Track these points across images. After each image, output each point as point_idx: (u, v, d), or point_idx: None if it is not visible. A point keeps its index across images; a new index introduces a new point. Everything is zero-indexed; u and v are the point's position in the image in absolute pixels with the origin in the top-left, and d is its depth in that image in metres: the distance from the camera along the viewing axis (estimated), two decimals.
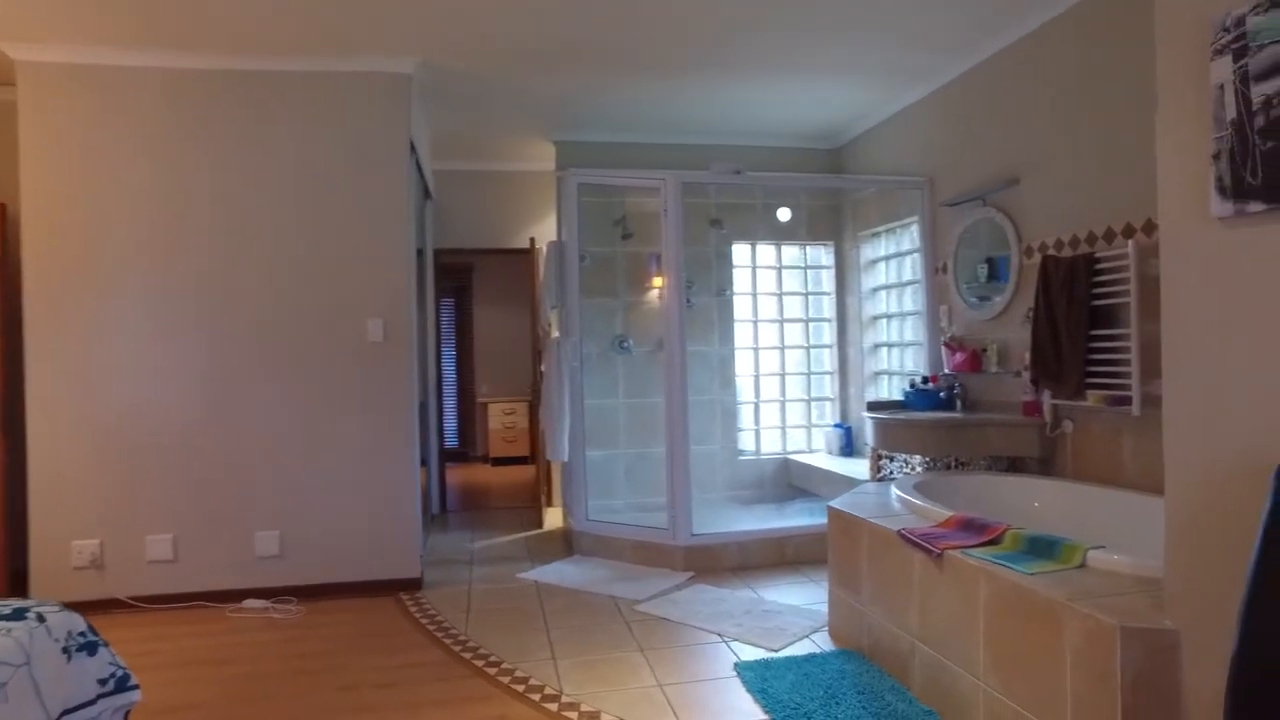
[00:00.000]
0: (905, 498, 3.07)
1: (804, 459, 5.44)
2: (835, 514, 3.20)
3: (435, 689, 2.82)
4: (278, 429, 3.85)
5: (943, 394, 4.07)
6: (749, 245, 5.64)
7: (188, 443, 3.77)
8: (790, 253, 5.73)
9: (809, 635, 3.21)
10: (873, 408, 4.33)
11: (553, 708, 2.63)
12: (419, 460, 4.16)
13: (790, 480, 5.51)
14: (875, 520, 2.91)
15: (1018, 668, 2.12)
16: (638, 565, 4.30)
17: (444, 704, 2.70)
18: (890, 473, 4.17)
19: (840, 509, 3.17)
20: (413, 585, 3.95)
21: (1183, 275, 1.77)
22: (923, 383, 4.25)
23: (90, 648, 2.19)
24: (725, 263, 5.56)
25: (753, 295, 5.66)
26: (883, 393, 5.11)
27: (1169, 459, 1.82)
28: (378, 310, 3.92)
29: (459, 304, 8.81)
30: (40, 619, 2.08)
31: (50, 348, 3.65)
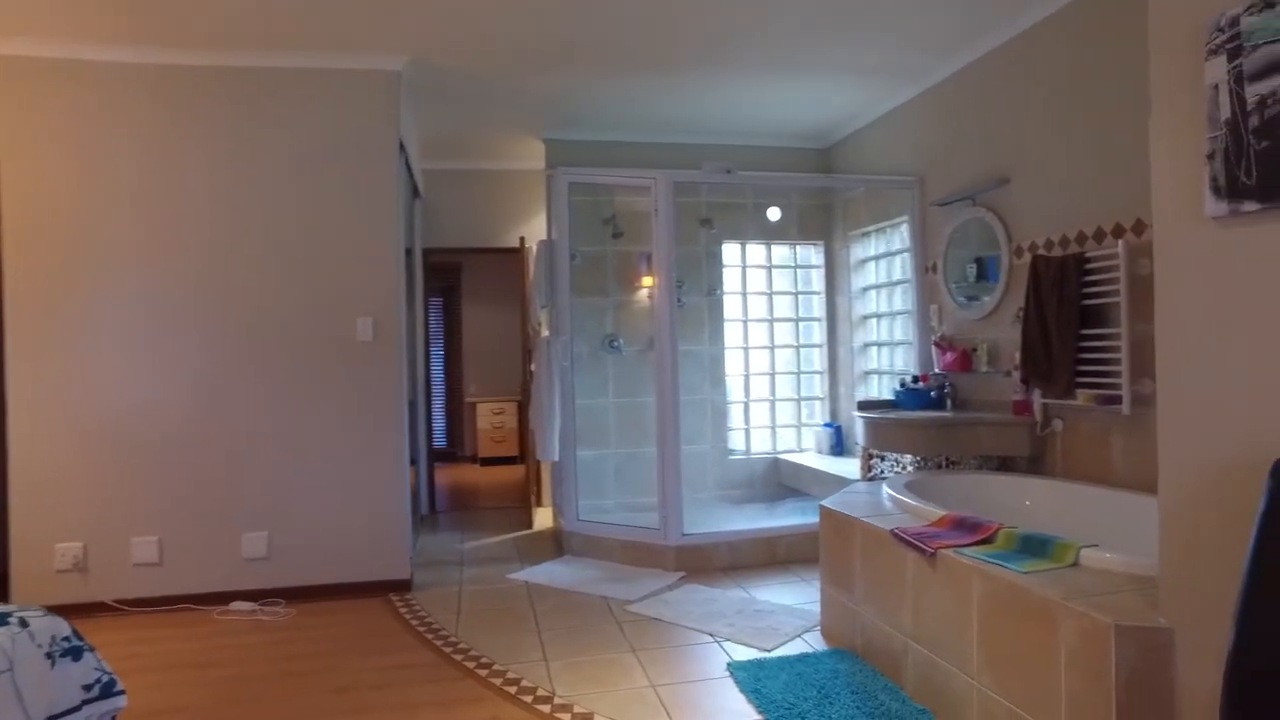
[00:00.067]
0: (897, 497, 3.08)
1: (794, 458, 5.44)
2: (827, 513, 3.20)
3: (426, 691, 2.79)
4: (265, 429, 3.81)
5: (933, 393, 4.08)
6: (739, 245, 5.64)
7: (174, 443, 3.73)
8: (780, 252, 5.73)
9: (801, 635, 3.21)
10: (863, 407, 4.33)
11: (545, 709, 2.61)
12: (408, 460, 4.12)
13: (780, 480, 5.51)
14: (868, 519, 2.91)
15: (1012, 666, 2.13)
16: (628, 565, 4.28)
17: (435, 706, 2.67)
18: (881, 472, 4.18)
19: (832, 508, 3.17)
20: (402, 586, 3.92)
21: (1177, 275, 1.78)
22: (913, 382, 4.26)
23: (75, 653, 2.15)
24: (715, 262, 5.55)
25: (743, 295, 5.66)
26: (872, 392, 5.12)
27: (1163, 457, 1.83)
28: (367, 309, 3.89)
29: (447, 303, 8.77)
30: (23, 624, 2.04)
31: (33, 347, 3.60)
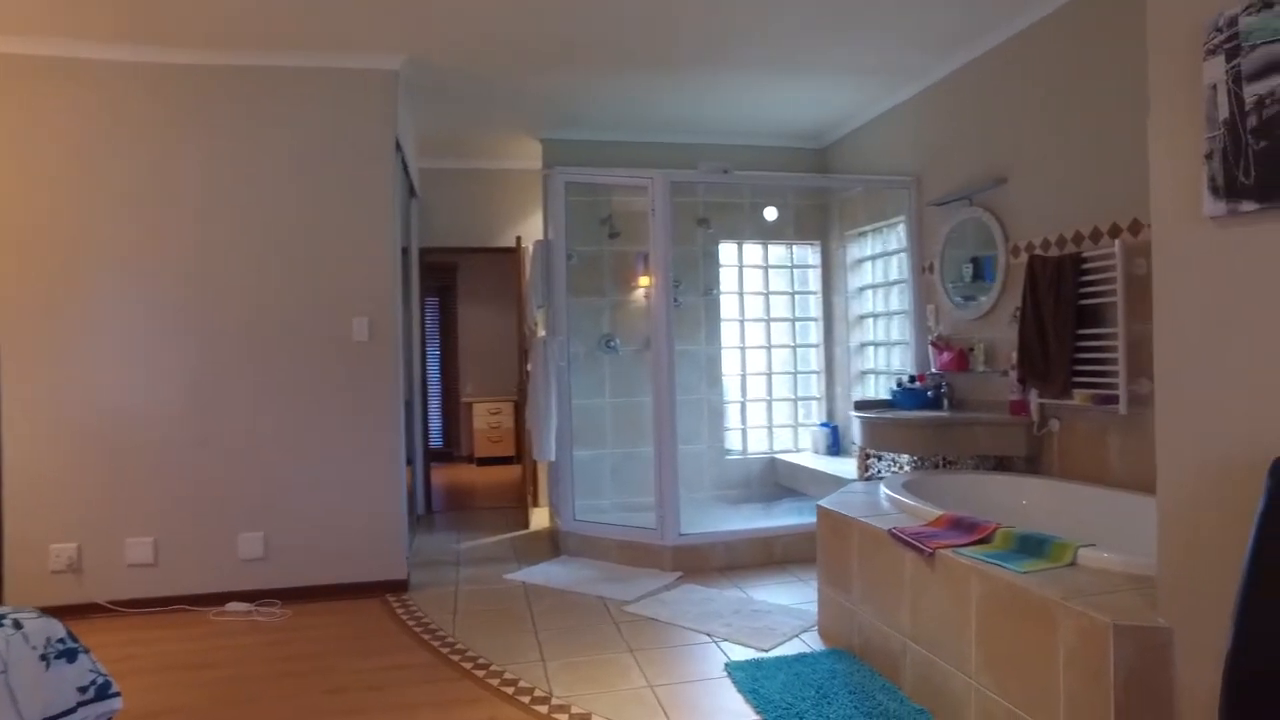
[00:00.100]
0: (895, 497, 3.07)
1: (790, 458, 5.44)
2: (825, 513, 3.20)
3: (423, 691, 2.78)
4: (261, 429, 3.80)
5: (930, 393, 4.09)
6: (736, 244, 5.64)
7: (170, 444, 3.71)
8: (777, 252, 5.73)
9: (799, 635, 3.20)
10: (860, 407, 4.34)
11: (543, 710, 2.61)
12: (404, 460, 4.11)
13: (777, 479, 5.51)
14: (865, 519, 2.91)
15: (1010, 666, 2.13)
16: (625, 565, 4.28)
17: (433, 706, 2.66)
18: (878, 472, 4.18)
19: (830, 508, 3.17)
20: (399, 587, 3.91)
21: (1176, 275, 1.78)
22: (910, 382, 4.26)
23: (70, 655, 2.14)
24: (712, 262, 5.55)
25: (739, 294, 5.66)
26: (869, 392, 5.12)
27: (1161, 457, 1.83)
28: (363, 309, 3.87)
29: (443, 303, 8.76)
30: (17, 625, 2.03)
31: (29, 347, 3.58)
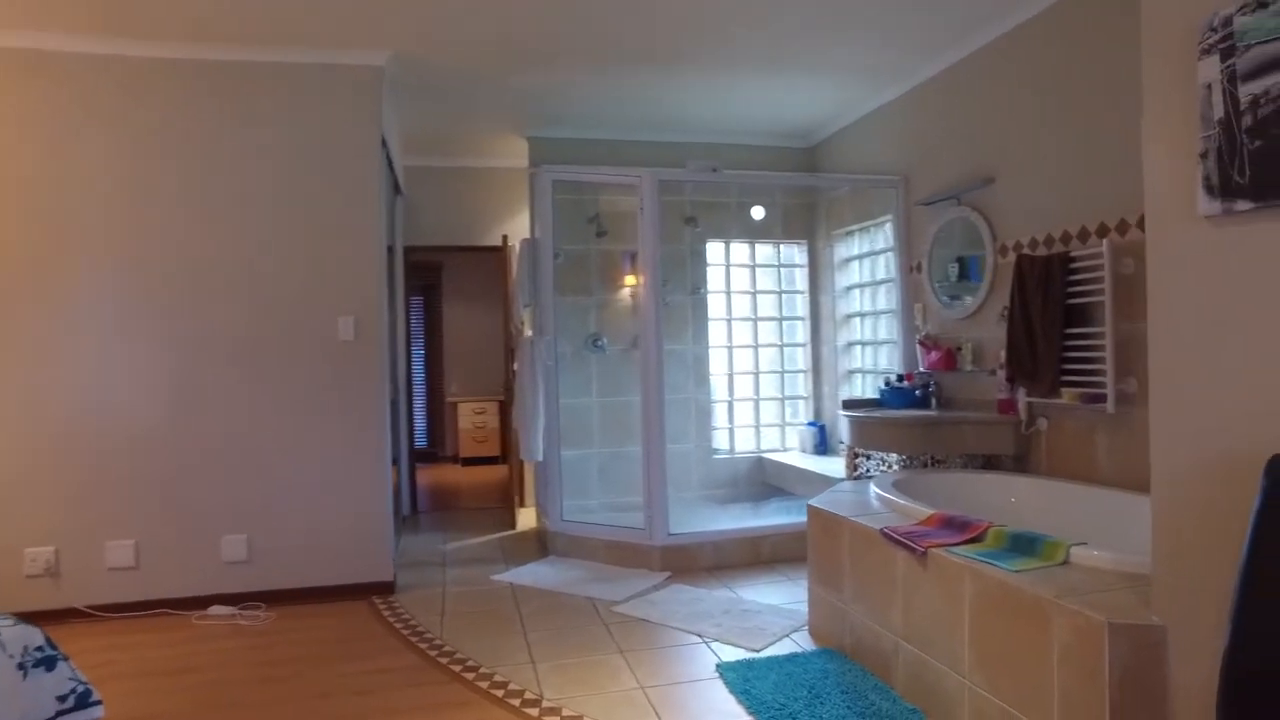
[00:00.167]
0: (885, 496, 3.08)
1: (778, 457, 5.44)
2: (815, 513, 3.19)
3: (411, 695, 2.75)
4: (245, 430, 3.74)
5: (918, 392, 4.10)
6: (723, 243, 5.63)
7: (151, 445, 3.64)
8: (764, 251, 5.73)
9: (789, 634, 3.20)
10: (848, 406, 4.34)
11: (534, 713, 2.58)
12: (390, 461, 4.07)
13: (765, 479, 5.51)
14: (856, 519, 2.90)
15: (1004, 665, 2.13)
16: (614, 566, 4.26)
17: (421, 711, 2.63)
18: (867, 471, 4.19)
19: (821, 508, 3.16)
20: (385, 589, 3.86)
21: (1170, 273, 1.78)
22: (898, 381, 4.27)
23: (49, 663, 2.09)
24: (699, 261, 5.54)
25: (727, 293, 5.65)
26: (856, 391, 5.13)
27: (1155, 455, 1.83)
28: (348, 308, 3.83)
29: (428, 302, 8.69)
30: None
31: (3, 347, 3.49)
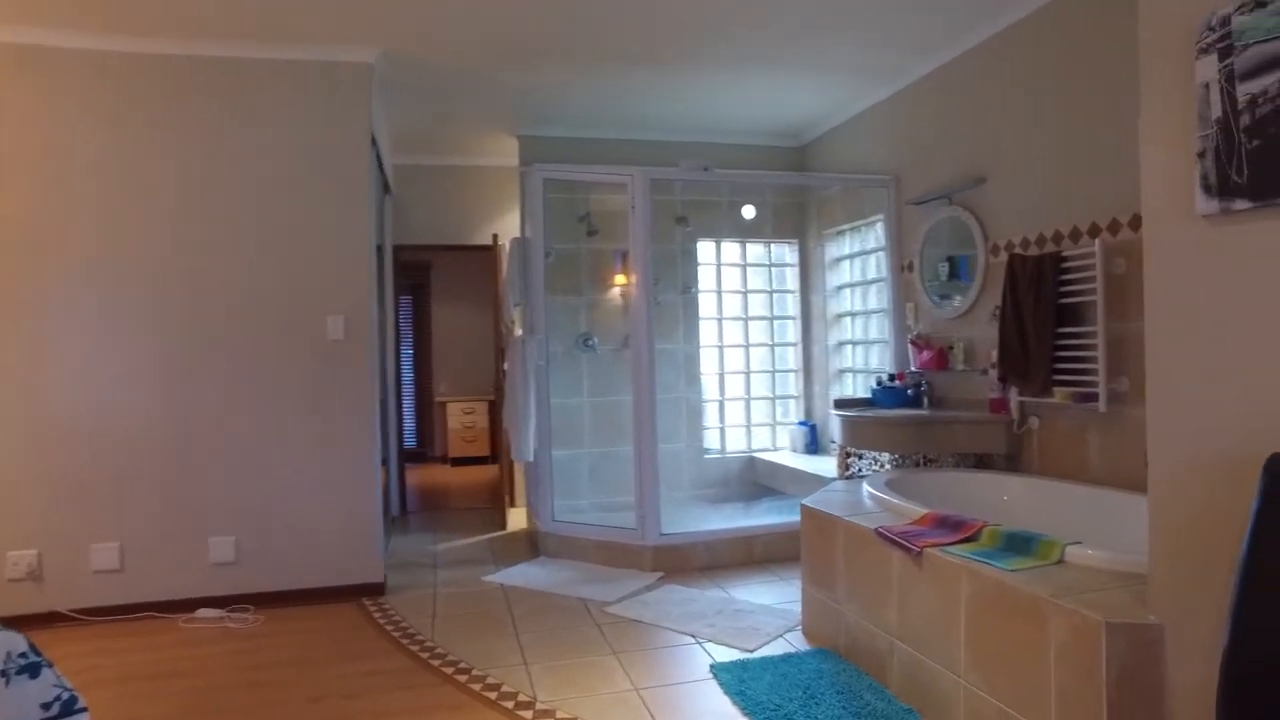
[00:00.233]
0: (878, 495, 3.07)
1: (769, 457, 5.44)
2: (809, 512, 3.19)
3: (403, 698, 2.72)
4: (232, 429, 3.69)
5: (909, 391, 4.10)
6: (714, 242, 5.62)
7: (137, 445, 3.59)
8: (755, 250, 5.73)
9: (783, 635, 3.19)
10: (840, 405, 4.34)
11: (527, 715, 2.56)
12: (380, 461, 4.03)
13: (756, 479, 5.50)
14: (850, 518, 2.90)
15: (1000, 664, 2.13)
16: (605, 566, 4.24)
17: (413, 713, 2.60)
18: (859, 470, 4.19)
19: (814, 507, 3.15)
20: (375, 590, 3.83)
21: (1168, 272, 1.78)
22: (889, 380, 4.28)
23: (32, 669, 2.04)
24: (690, 260, 5.53)
25: (717, 293, 5.64)
26: (847, 390, 5.14)
27: (1152, 455, 1.83)
28: (338, 307, 3.79)
29: (416, 302, 8.64)
30: None
31: None
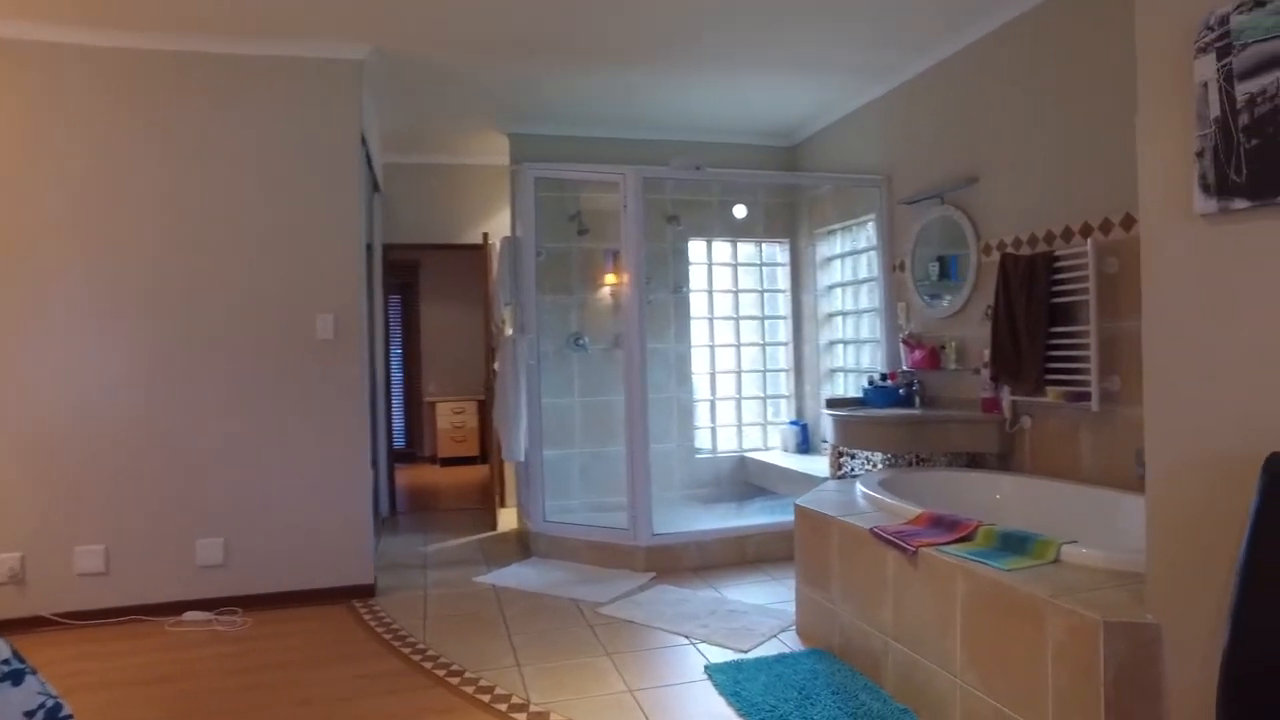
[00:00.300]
0: (872, 495, 3.07)
1: (761, 456, 5.43)
2: (803, 512, 3.18)
3: (395, 701, 2.69)
4: (220, 430, 3.64)
5: (901, 391, 4.10)
6: (705, 242, 5.61)
7: (123, 446, 3.54)
8: (746, 250, 5.72)
9: (777, 635, 3.18)
10: (832, 405, 4.34)
11: (520, 718, 2.54)
12: (370, 461, 4.00)
13: (747, 478, 5.50)
14: (845, 518, 2.89)
15: (997, 664, 2.12)
16: (597, 567, 4.22)
17: (405, 716, 2.57)
18: (851, 470, 4.19)
19: (808, 507, 3.15)
20: (365, 592, 3.79)
21: (1166, 271, 1.78)
22: (881, 380, 4.28)
23: (15, 676, 1.99)
24: (681, 259, 5.52)
25: (709, 292, 5.63)
26: (838, 390, 5.14)
27: (1150, 454, 1.83)
28: (328, 306, 3.75)
29: (405, 301, 8.58)
30: None
31: None
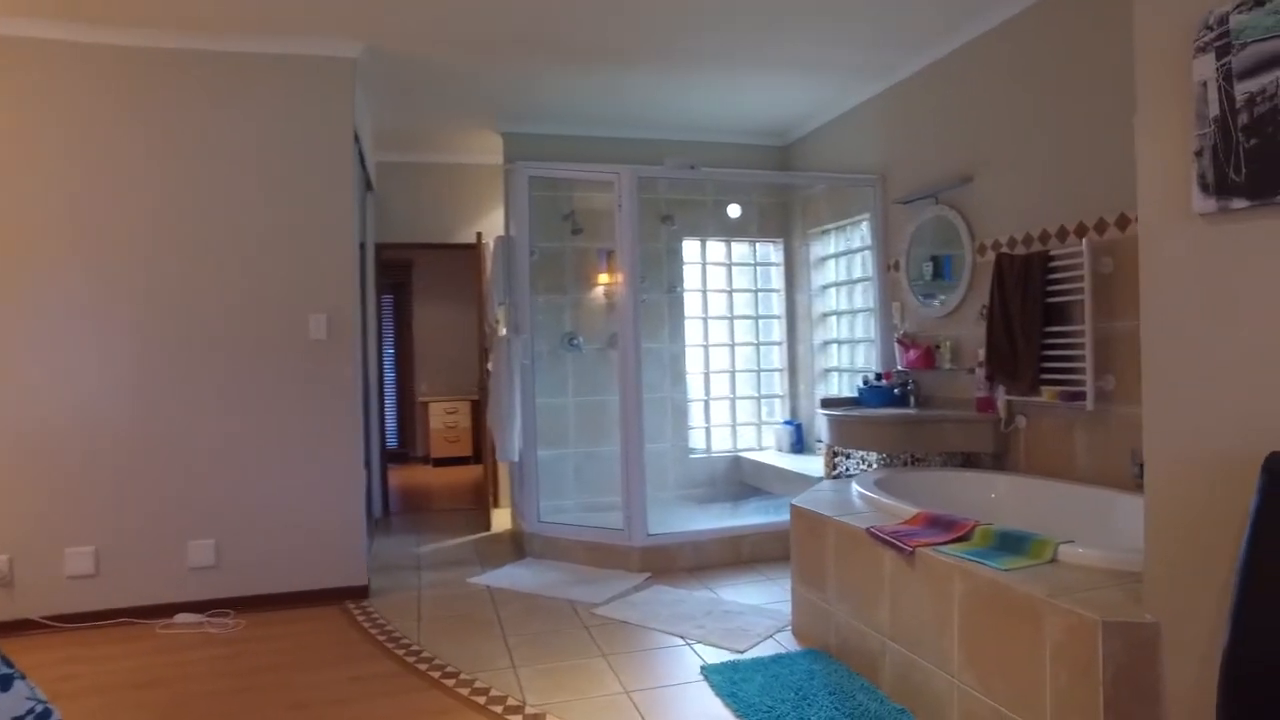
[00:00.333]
0: (868, 495, 3.07)
1: (755, 456, 5.43)
2: (799, 512, 3.18)
3: (391, 704, 2.67)
4: (212, 430, 3.61)
5: (896, 390, 4.10)
6: (699, 241, 5.60)
7: (112, 446, 3.50)
8: (740, 249, 5.72)
9: (773, 635, 3.17)
10: (827, 405, 4.34)
11: None
12: (363, 462, 3.97)
13: (742, 478, 5.49)
14: (841, 518, 2.89)
15: (994, 664, 2.12)
16: (592, 567, 4.21)
17: (401, 719, 2.56)
18: (846, 470, 4.19)
19: (804, 507, 3.14)
20: (359, 593, 3.77)
21: (1164, 271, 1.78)
22: (876, 379, 4.28)
23: (3, 682, 1.96)
24: (675, 259, 5.51)
25: (703, 292, 5.62)
26: (832, 390, 5.14)
27: (1149, 454, 1.83)
28: (321, 306, 3.72)
29: (398, 301, 8.55)
30: None
31: None
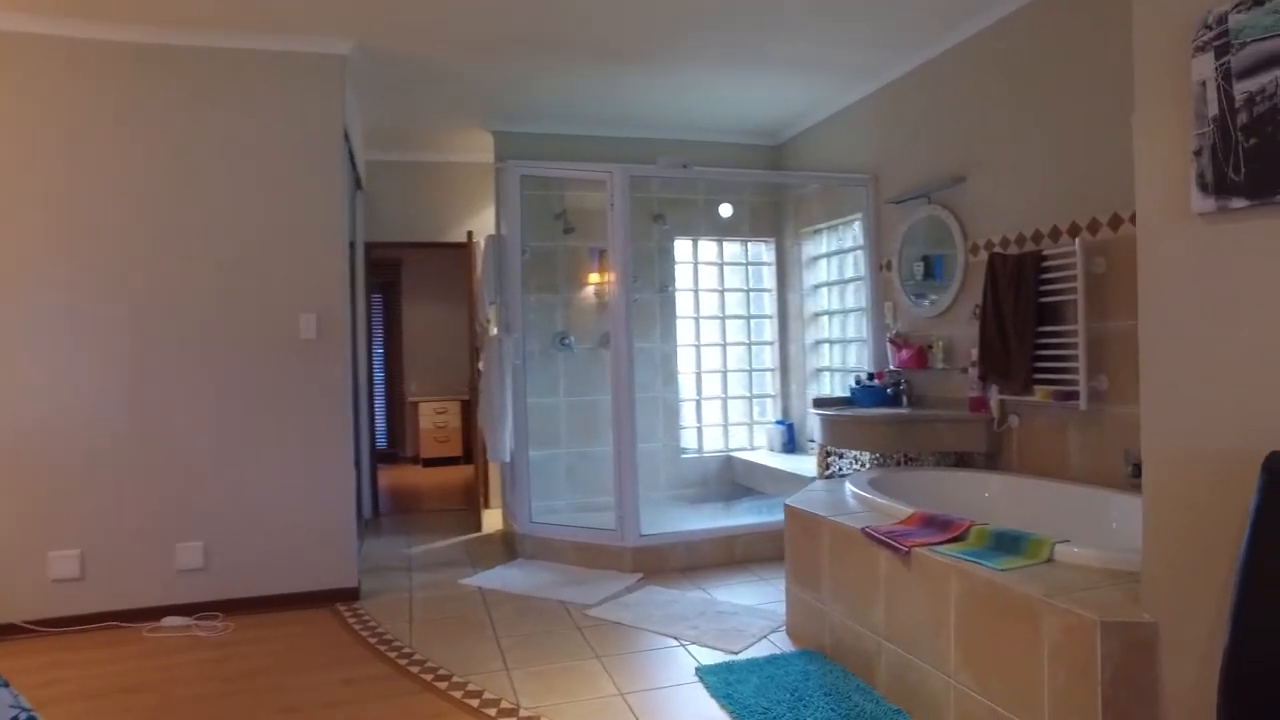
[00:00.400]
0: (862, 495, 3.06)
1: (747, 456, 5.42)
2: (793, 512, 3.17)
3: (383, 707, 2.64)
4: (201, 431, 3.57)
5: (889, 390, 4.11)
6: (691, 241, 5.59)
7: (99, 449, 3.45)
8: (732, 249, 5.71)
9: (767, 636, 3.17)
10: (819, 404, 4.33)
11: None
12: (354, 463, 3.94)
13: (734, 478, 5.48)
14: (836, 518, 2.88)
15: (992, 664, 2.12)
16: (584, 568, 4.19)
17: None
18: (839, 470, 4.19)
19: (799, 507, 3.14)
20: (349, 595, 3.73)
21: (1163, 270, 1.78)
22: (868, 379, 4.28)
23: None
24: (667, 258, 5.49)
25: (694, 291, 5.62)
26: (824, 389, 5.14)
27: (1147, 453, 1.83)
28: (311, 306, 3.68)
29: (387, 300, 8.50)
30: None
31: None
